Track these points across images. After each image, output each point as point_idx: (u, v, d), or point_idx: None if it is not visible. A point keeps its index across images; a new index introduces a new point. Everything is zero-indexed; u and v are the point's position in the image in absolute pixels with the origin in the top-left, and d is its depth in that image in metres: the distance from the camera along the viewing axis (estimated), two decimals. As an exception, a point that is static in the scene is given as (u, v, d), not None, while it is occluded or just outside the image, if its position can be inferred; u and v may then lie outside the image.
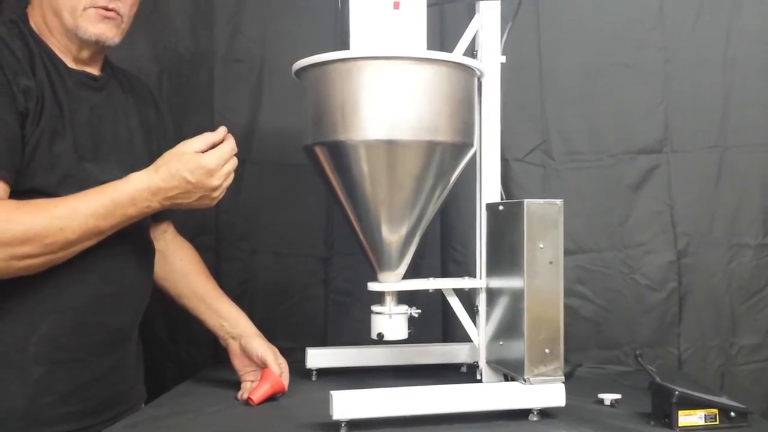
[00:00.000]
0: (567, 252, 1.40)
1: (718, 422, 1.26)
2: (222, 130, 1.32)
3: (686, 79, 1.88)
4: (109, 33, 1.35)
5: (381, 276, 1.49)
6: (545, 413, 1.32)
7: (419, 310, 1.50)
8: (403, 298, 1.50)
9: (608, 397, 1.42)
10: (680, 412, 1.24)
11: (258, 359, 1.47)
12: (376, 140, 1.34)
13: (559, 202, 1.33)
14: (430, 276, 1.63)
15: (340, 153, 1.37)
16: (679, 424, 1.24)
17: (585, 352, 1.85)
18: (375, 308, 1.48)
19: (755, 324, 1.88)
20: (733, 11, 1.87)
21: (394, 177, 1.37)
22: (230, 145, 1.31)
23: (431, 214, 1.48)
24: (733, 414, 1.26)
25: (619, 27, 1.89)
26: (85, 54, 1.37)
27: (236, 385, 1.49)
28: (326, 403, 1.24)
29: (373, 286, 1.49)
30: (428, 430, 1.25)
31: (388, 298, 1.48)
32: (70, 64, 1.36)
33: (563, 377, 1.32)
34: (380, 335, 1.46)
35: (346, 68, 1.35)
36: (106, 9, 1.34)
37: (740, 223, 1.89)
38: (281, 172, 1.89)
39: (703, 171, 1.89)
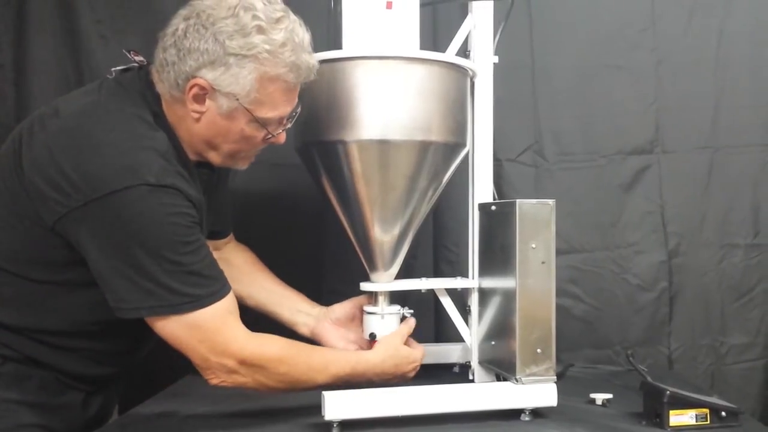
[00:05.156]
0: (559, 252, 1.40)
1: (709, 422, 1.27)
2: (413, 322, 1.48)
3: (678, 80, 1.89)
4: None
5: (373, 276, 1.49)
6: (537, 413, 1.32)
7: (411, 310, 1.51)
8: (396, 298, 1.50)
9: (600, 397, 1.43)
10: (671, 412, 1.25)
11: (355, 308, 1.52)
12: (369, 140, 1.34)
13: (551, 202, 1.34)
14: (423, 276, 1.62)
15: (332, 153, 1.37)
16: (671, 424, 1.25)
17: (577, 352, 1.85)
18: (367, 308, 1.48)
19: (745, 323, 1.89)
20: (725, 13, 1.88)
21: (387, 177, 1.37)
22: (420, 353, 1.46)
23: (424, 214, 1.48)
24: (723, 414, 1.27)
25: (612, 28, 1.89)
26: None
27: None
28: (318, 403, 1.24)
29: (365, 286, 1.49)
30: (420, 430, 1.26)
31: (381, 298, 1.48)
32: (192, 156, 1.31)
33: (555, 377, 1.33)
34: (372, 335, 1.46)
35: (339, 68, 1.35)
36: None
37: (731, 224, 1.90)
38: (274, 172, 1.88)
39: (694, 171, 1.89)
